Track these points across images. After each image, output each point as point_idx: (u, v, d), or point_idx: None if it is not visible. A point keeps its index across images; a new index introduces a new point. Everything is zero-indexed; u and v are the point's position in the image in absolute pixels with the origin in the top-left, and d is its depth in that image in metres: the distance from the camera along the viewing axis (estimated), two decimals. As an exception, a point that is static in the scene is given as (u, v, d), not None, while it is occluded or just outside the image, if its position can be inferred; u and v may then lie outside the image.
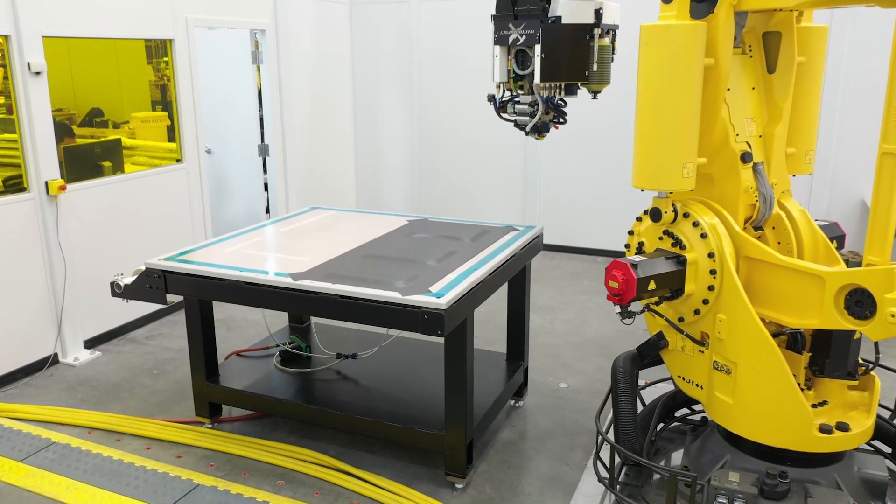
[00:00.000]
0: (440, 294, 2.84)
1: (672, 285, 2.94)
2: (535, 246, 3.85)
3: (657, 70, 2.81)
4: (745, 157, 3.00)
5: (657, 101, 2.84)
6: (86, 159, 5.01)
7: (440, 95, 7.41)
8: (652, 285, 2.87)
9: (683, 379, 3.20)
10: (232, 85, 6.65)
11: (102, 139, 5.35)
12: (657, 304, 3.10)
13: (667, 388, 3.72)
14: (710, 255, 2.88)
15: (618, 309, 3.00)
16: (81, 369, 4.51)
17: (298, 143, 6.89)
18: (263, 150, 6.55)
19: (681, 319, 3.07)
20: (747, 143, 3.05)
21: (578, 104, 3.52)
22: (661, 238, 3.04)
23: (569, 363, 4.58)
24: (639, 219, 3.21)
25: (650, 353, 3.31)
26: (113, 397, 4.14)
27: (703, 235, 2.90)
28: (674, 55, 2.77)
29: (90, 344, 4.78)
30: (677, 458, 3.42)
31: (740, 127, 3.04)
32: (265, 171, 6.70)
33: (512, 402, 3.98)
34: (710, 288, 2.90)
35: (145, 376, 4.41)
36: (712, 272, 2.89)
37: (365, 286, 2.95)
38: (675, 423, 3.58)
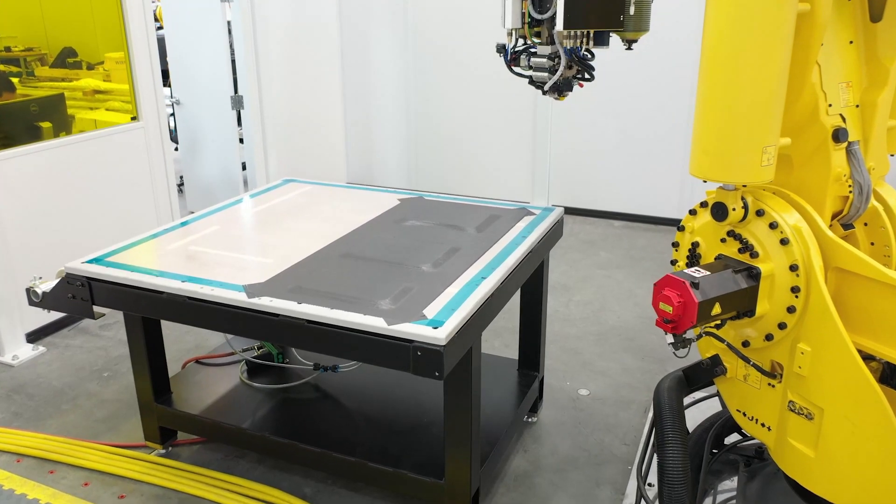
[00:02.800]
0: (438, 322, 2.16)
1: (741, 306, 2.26)
2: (555, 233, 3.15)
3: (734, 20, 2.05)
4: (839, 135, 2.27)
5: (732, 64, 2.09)
6: (19, 120, 4.24)
7: (439, 43, 6.56)
8: (716, 309, 2.19)
9: (744, 415, 2.54)
10: (199, 24, 5.80)
11: (40, 95, 4.57)
12: (717, 326, 2.42)
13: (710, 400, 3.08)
14: (793, 268, 2.19)
15: (669, 339, 2.33)
16: (20, 371, 3.86)
17: (277, 94, 6.09)
18: (237, 103, 5.75)
19: (746, 344, 2.40)
20: (841, 115, 2.32)
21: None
22: (723, 240, 2.35)
23: (589, 361, 3.93)
24: (692, 212, 2.50)
25: (701, 379, 2.65)
26: (53, 409, 3.50)
27: (784, 241, 2.19)
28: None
29: (34, 337, 4.13)
30: (725, 494, 2.82)
31: (833, 95, 2.29)
32: (240, 124, 5.93)
33: (525, 418, 3.34)
34: (790, 310, 2.22)
35: (93, 380, 3.76)
36: (794, 290, 2.20)
37: (340, 307, 2.26)
38: (725, 451, 2.96)
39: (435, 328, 2.12)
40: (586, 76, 3.07)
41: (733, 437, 2.96)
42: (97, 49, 5.21)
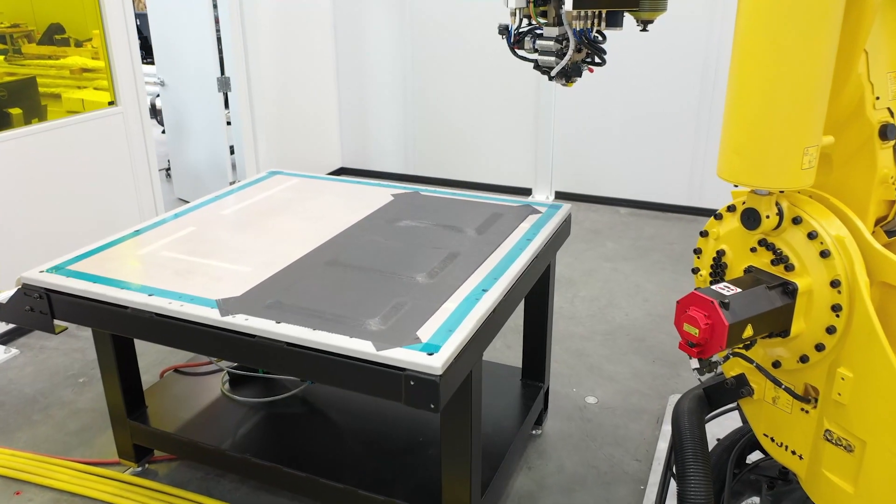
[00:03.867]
0: (433, 346, 1.91)
1: (775, 327, 2.01)
2: (563, 232, 2.89)
3: (774, 5, 1.79)
4: (888, 132, 2.00)
5: (771, 52, 1.81)
6: (-15, 106, 3.97)
7: (438, 22, 6.23)
8: (748, 331, 1.94)
9: (772, 440, 2.30)
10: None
11: (12, 79, 4.28)
12: (746, 346, 2.18)
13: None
14: (834, 284, 1.94)
15: (694, 364, 2.08)
16: (-10, 376, 3.63)
17: (266, 75, 5.78)
18: (224, 85, 5.45)
19: (776, 365, 2.15)
20: (889, 109, 2.05)
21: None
22: (753, 250, 2.09)
23: (596, 364, 3.70)
24: (717, 216, 2.24)
25: (724, 400, 2.41)
26: (23, 420, 3.27)
27: (825, 254, 1.93)
28: (803, -21, 1.75)
29: (6, 339, 3.88)
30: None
31: (881, 86, 2.02)
32: (227, 107, 5.64)
33: (529, 430, 3.11)
34: (830, 330, 1.97)
35: (68, 386, 3.53)
36: (835, 308, 1.94)
37: (323, 327, 2.01)
38: (747, 471, 2.73)
39: (430, 354, 1.87)
40: (597, 60, 2.81)
41: (755, 455, 2.73)
42: (85, 25, 4.92)
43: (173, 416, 2.83)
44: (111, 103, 4.40)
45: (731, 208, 2.19)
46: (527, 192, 6.30)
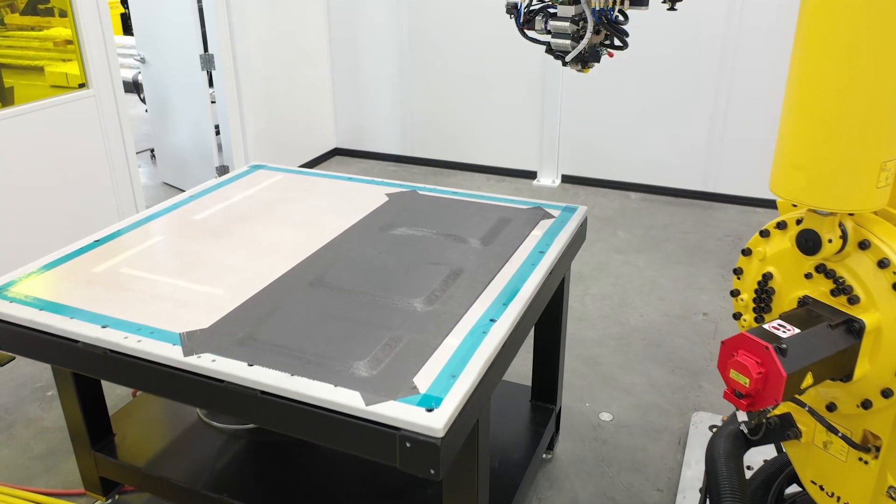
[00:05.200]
0: (434, 399, 1.60)
1: (837, 372, 1.71)
2: (578, 239, 2.58)
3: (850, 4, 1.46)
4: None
5: (846, 55, 1.49)
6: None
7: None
8: (808, 380, 1.64)
9: (821, 489, 2.02)
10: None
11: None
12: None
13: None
14: (910, 321, 1.63)
15: (742, 416, 1.79)
16: (-49, 389, 3.34)
17: (253, 51, 5.40)
18: (207, 62, 5.08)
19: (831, 408, 1.86)
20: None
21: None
22: (809, 276, 1.78)
23: (610, 373, 3.40)
24: (764, 233, 1.92)
25: (766, 440, 2.11)
26: (-17, 441, 2.99)
27: (899, 285, 1.63)
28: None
29: (-30, 345, 3.59)
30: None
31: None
32: (212, 85, 5.28)
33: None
34: (902, 374, 1.68)
35: (34, 401, 3.24)
36: (909, 349, 1.65)
37: (303, 371, 1.70)
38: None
39: (429, 410, 1.57)
40: (617, 44, 2.48)
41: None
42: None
43: (144, 447, 2.54)
44: (82, 85, 4.04)
45: (780, 225, 1.88)
46: (532, 175, 5.96)
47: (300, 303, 2.02)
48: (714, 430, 2.97)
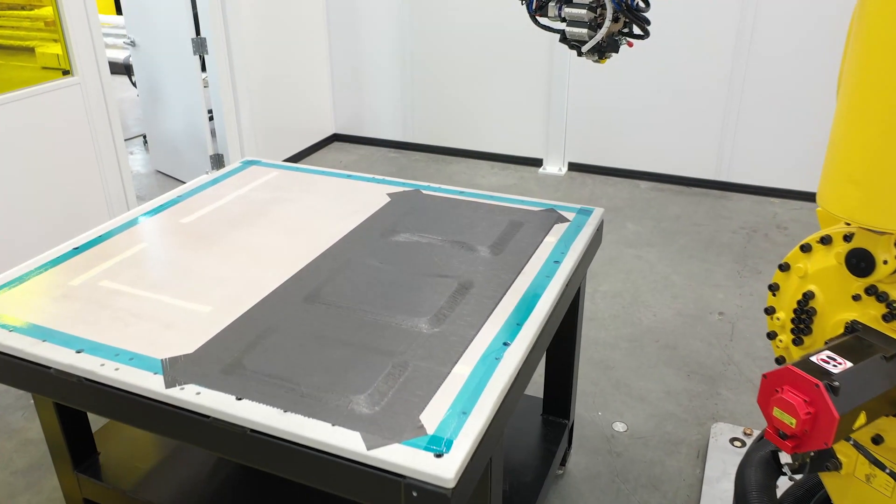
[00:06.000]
0: (444, 441, 1.43)
1: (891, 409, 1.54)
2: (595, 243, 2.40)
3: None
4: None
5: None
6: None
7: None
8: (861, 419, 1.47)
9: (863, 523, 1.87)
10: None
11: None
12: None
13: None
14: (972, 352, 1.46)
15: (786, 458, 1.62)
16: (-70, 396, 3.18)
17: (248, 36, 5.18)
18: (199, 46, 4.86)
19: (878, 440, 1.69)
20: None
21: None
22: (857, 298, 1.60)
23: (623, 379, 3.24)
24: (805, 248, 1.74)
25: (801, 470, 1.95)
26: (-37, 455, 2.84)
27: (962, 312, 1.46)
28: None
29: (-49, 348, 3.42)
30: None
31: None
32: (205, 70, 5.06)
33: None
34: (961, 410, 1.51)
35: (17, 410, 3.08)
36: (970, 383, 1.48)
37: (296, 407, 1.53)
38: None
39: (438, 455, 1.40)
40: (637, 32, 2.28)
41: None
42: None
43: (131, 467, 2.38)
44: (66, 72, 3.84)
45: (824, 240, 1.69)
46: (537, 162, 5.76)
47: (294, 323, 1.84)
48: (735, 443, 2.82)
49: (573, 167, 5.69)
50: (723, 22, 4.90)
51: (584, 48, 2.22)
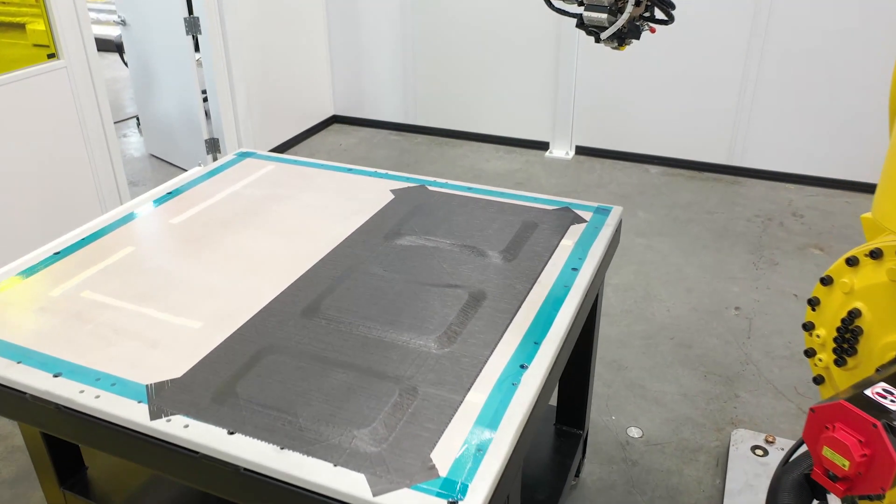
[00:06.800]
0: (458, 487, 1.29)
1: (953, 444, 1.40)
2: (613, 245, 2.24)
3: None
4: None
5: None
6: None
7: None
8: (922, 461, 1.32)
9: (907, 556, 1.73)
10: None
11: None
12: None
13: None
14: None
15: (835, 500, 1.49)
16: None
17: (244, 14, 4.97)
18: (192, 26, 4.66)
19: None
20: None
21: None
22: (912, 318, 1.45)
23: (638, 380, 3.11)
24: (851, 261, 1.59)
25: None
26: (-53, 463, 2.71)
27: None
28: None
29: (-65, 347, 3.28)
30: None
31: None
32: (198, 50, 4.87)
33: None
34: None
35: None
36: None
37: (293, 444, 1.39)
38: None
39: (453, 503, 1.26)
40: (660, 17, 2.12)
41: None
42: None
43: (121, 483, 2.24)
44: (51, 56, 3.65)
45: (874, 254, 1.54)
46: (544, 145, 5.58)
47: (291, 342, 1.69)
48: (756, 451, 2.69)
49: (581, 151, 5.52)
50: (737, 2, 4.69)
51: (604, 35, 2.06)
